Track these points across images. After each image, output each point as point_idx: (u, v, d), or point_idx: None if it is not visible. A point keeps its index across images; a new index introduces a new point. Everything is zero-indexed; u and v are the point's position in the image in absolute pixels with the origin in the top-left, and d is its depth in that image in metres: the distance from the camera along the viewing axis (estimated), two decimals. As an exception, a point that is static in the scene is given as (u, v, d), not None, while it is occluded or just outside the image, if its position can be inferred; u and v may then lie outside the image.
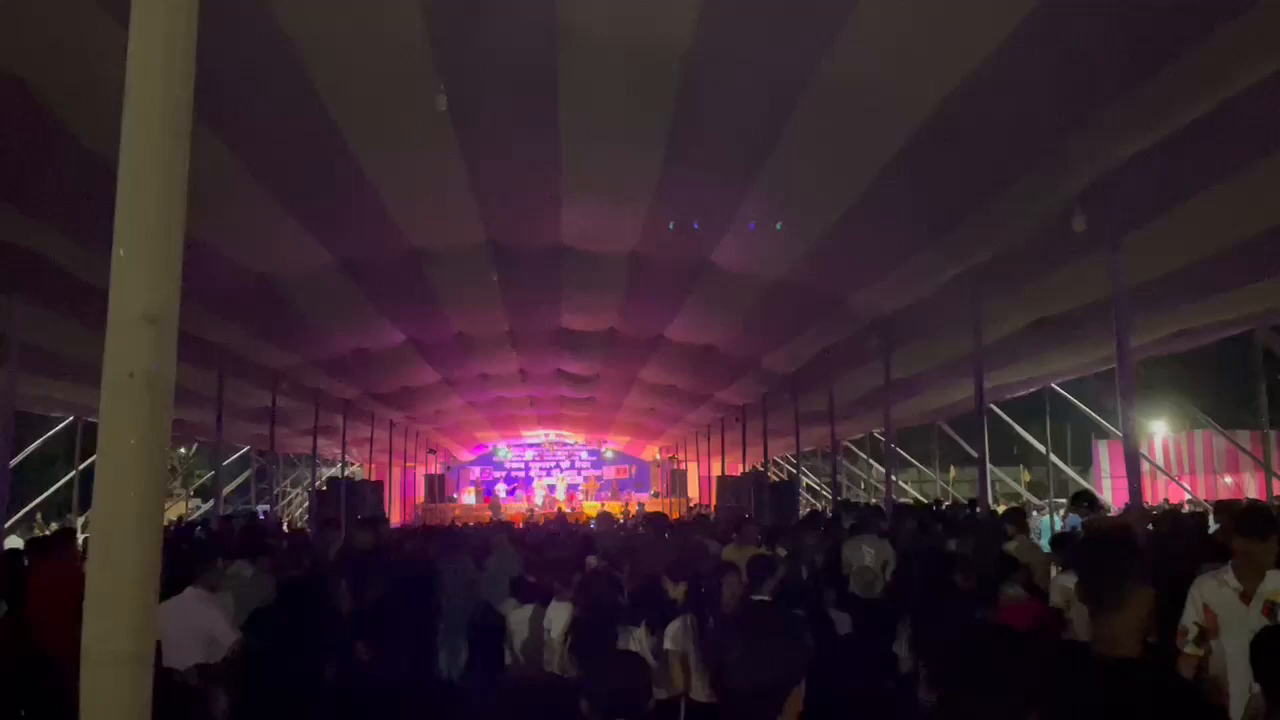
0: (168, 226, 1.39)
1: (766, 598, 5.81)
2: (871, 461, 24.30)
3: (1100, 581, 2.44)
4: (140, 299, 1.37)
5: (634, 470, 36.49)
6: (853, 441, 24.54)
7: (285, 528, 19.72)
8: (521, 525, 22.54)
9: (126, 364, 1.35)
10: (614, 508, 28.17)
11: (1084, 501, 7.39)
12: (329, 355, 14.51)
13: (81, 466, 16.11)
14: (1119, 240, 7.07)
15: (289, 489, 29.35)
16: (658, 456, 34.50)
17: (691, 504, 28.91)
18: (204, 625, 5.33)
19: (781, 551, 8.43)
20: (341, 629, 6.57)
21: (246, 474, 25.51)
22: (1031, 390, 15.24)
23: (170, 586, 5.37)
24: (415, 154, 7.68)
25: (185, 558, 5.77)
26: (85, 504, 17.15)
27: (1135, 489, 7.33)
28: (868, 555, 8.63)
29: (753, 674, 1.80)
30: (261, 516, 19.11)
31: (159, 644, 5.14)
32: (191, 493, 31.18)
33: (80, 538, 9.28)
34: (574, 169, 8.12)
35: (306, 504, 25.66)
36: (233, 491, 25.54)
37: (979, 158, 6.73)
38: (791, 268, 10.16)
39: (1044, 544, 11.94)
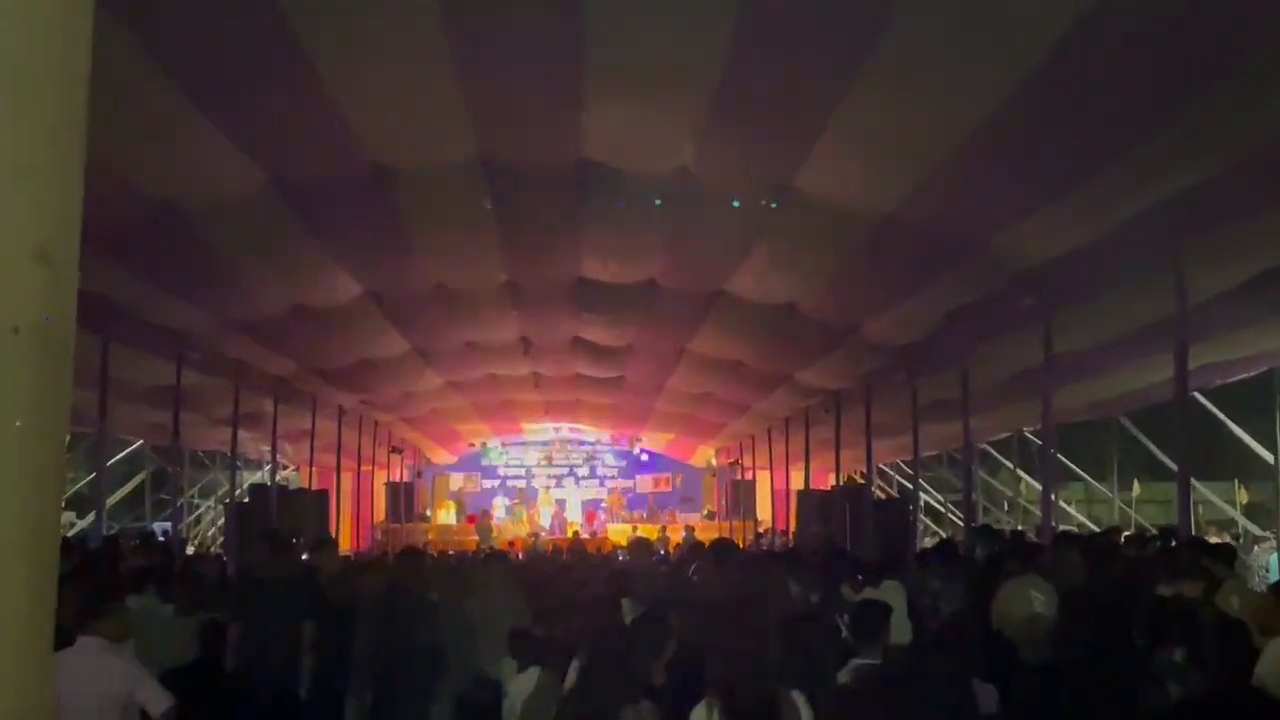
0: (65, 129, 1.41)
1: (875, 660, 5.85)
2: (1020, 473, 24.14)
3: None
4: (27, 230, 1.39)
5: (679, 480, 36.59)
6: (993, 444, 24.35)
7: (192, 551, 20.07)
8: (521, 555, 22.77)
9: (8, 316, 1.37)
10: (649, 532, 28.28)
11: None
12: (256, 314, 14.65)
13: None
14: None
15: (197, 499, 29.81)
16: (713, 462, 34.58)
17: (762, 529, 28.95)
18: (116, 687, 5.44)
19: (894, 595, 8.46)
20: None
21: (139, 478, 25.91)
22: (1254, 373, 15.02)
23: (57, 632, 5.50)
24: (382, 35, 7.69)
25: (78, 591, 5.90)
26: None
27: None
28: (1037, 604, 8.55)
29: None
30: (161, 536, 19.43)
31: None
32: (63, 503, 31.82)
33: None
34: (603, 56, 8.09)
35: (221, 521, 26.06)
36: (120, 502, 25.94)
37: (1182, 40, 6.61)
38: (906, 197, 10.10)
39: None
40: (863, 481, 21.65)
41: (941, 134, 8.69)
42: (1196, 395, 14.74)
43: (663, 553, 20.87)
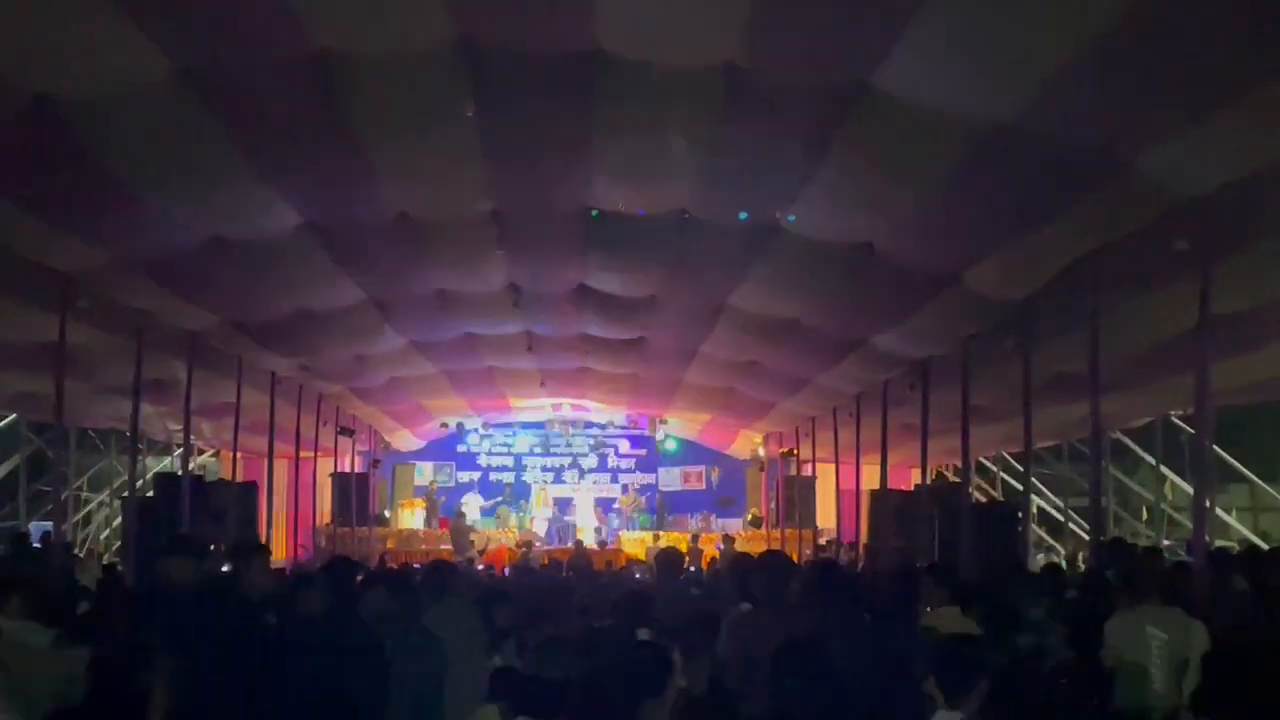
0: None
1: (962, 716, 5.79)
2: (1166, 471, 24.06)
3: None
4: None
5: (716, 475, 36.70)
6: (1129, 433, 24.27)
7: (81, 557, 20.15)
8: (507, 569, 22.85)
9: None
10: (676, 542, 28.35)
11: None
12: (162, 250, 14.65)
13: None
14: None
15: (86, 492, 29.93)
16: (760, 452, 34.65)
17: (823, 540, 28.97)
18: None
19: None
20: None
21: (11, 464, 26.02)
22: None
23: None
24: None
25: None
26: None
27: None
28: (1154, 642, 8.62)
29: None
30: (37, 542, 19.51)
31: None
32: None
33: None
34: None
35: (118, 520, 26.17)
36: (-14, 496, 26.11)
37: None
38: (1023, 101, 10.04)
39: None
40: (957, 480, 21.62)
41: (1074, 16, 8.63)
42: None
43: (693, 569, 20.95)
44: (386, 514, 34.12)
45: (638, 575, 20.99)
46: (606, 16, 9.95)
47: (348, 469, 31.15)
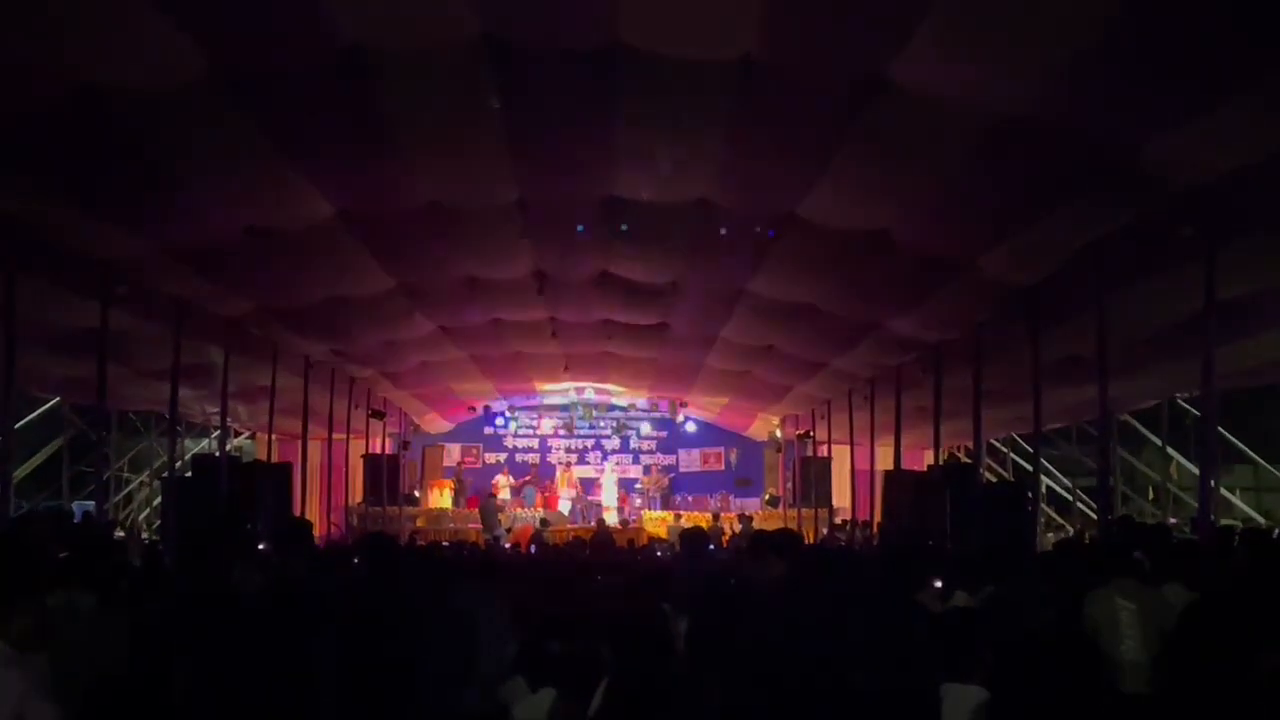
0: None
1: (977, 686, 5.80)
2: (1172, 452, 24.00)
3: None
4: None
5: (734, 456, 36.64)
6: (1136, 415, 24.18)
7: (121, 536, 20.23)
8: (532, 547, 22.88)
9: None
10: (698, 521, 28.37)
11: None
12: (201, 239, 14.67)
13: None
14: None
15: (127, 473, 30.04)
16: (777, 434, 34.61)
17: (839, 519, 28.93)
18: (3, 705, 5.45)
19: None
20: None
21: (54, 445, 26.10)
22: None
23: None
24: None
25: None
26: None
27: None
28: (1124, 613, 8.60)
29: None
30: (79, 519, 19.60)
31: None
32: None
33: None
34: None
35: (157, 500, 26.29)
36: (30, 476, 26.15)
37: None
38: (1033, 93, 10.03)
39: None
40: (969, 461, 21.56)
41: (1083, 8, 8.62)
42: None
43: (711, 547, 20.95)
44: (416, 494, 34.14)
45: (659, 553, 21.01)
46: (628, 11, 9.94)
47: (379, 450, 31.20)
